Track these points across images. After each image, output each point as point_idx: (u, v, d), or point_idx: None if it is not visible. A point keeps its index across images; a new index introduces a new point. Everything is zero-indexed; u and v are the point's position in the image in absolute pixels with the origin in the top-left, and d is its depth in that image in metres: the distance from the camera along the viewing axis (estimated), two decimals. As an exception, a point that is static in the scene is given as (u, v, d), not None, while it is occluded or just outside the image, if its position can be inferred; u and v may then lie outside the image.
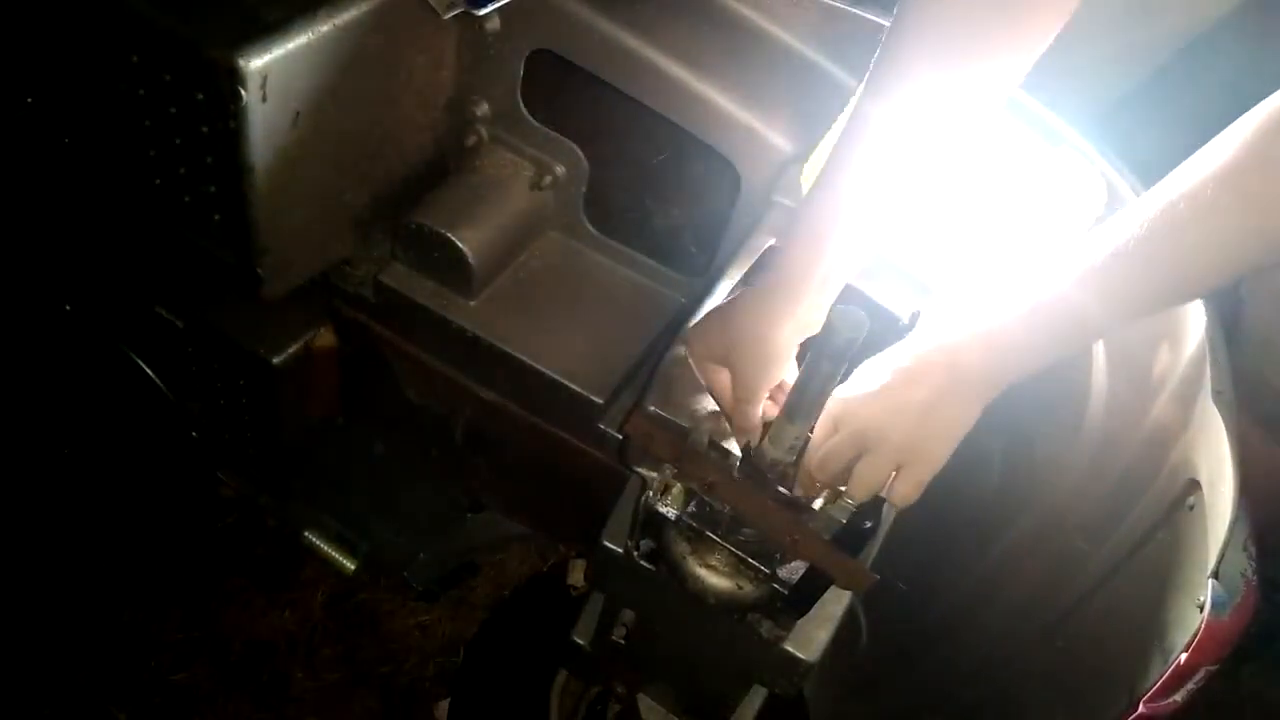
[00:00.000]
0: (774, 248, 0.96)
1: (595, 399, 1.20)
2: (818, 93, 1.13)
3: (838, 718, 1.39)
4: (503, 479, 1.45)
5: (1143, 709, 0.85)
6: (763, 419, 0.94)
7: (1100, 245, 0.77)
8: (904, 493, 0.85)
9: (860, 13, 1.10)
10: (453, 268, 1.23)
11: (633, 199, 1.31)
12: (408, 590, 1.77)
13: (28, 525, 1.71)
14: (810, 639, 0.92)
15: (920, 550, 1.08)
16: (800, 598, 0.88)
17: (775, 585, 0.89)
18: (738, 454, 0.94)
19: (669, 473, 0.92)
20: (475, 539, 1.77)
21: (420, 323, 1.27)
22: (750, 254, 1.10)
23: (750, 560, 0.89)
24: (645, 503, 0.92)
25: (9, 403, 1.65)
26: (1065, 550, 1.12)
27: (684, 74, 1.13)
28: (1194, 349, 1.01)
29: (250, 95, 0.95)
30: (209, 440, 1.53)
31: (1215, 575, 0.84)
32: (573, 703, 1.48)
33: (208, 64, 0.95)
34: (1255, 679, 1.72)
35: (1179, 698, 0.85)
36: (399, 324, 1.31)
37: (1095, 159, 1.08)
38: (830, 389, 0.86)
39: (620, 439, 1.16)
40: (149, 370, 1.44)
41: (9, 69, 1.12)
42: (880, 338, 0.88)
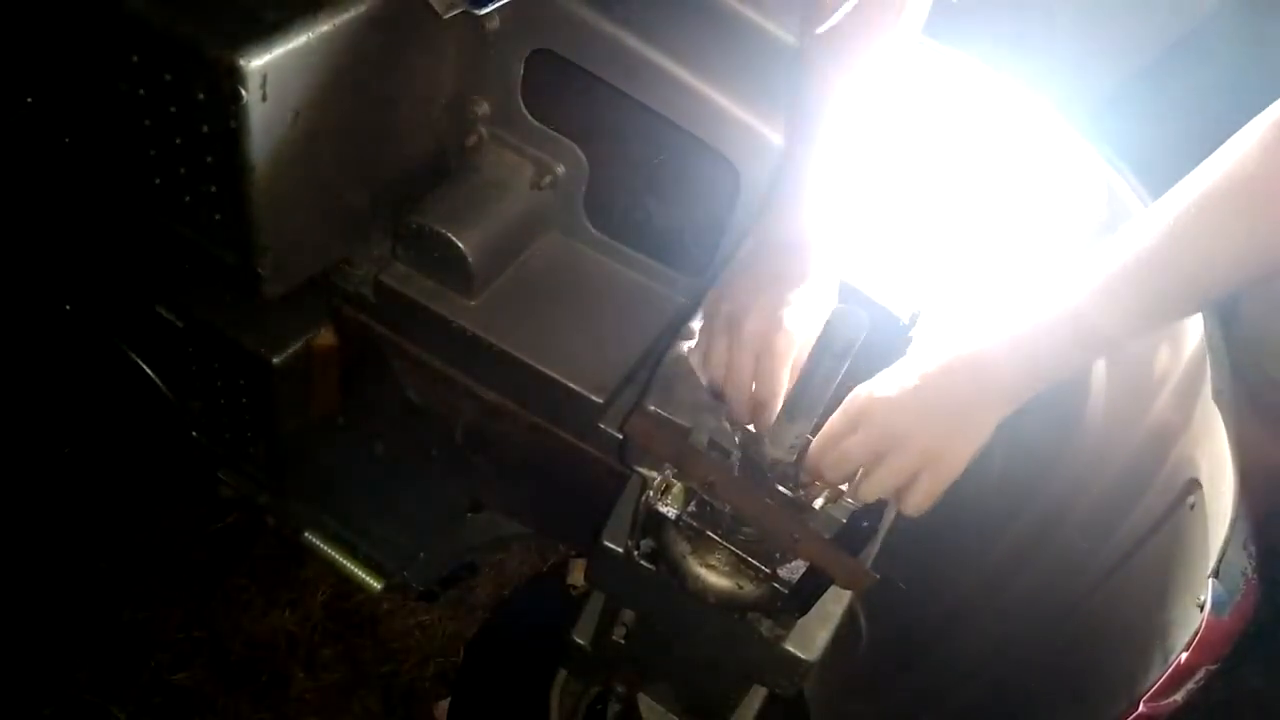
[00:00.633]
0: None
1: (595, 399, 1.20)
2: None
3: (838, 718, 1.39)
4: (503, 479, 1.45)
5: (1143, 708, 0.85)
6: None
7: (1113, 255, 0.77)
8: (917, 501, 0.85)
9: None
10: (453, 268, 1.23)
11: (633, 199, 1.31)
12: (408, 590, 1.77)
13: (28, 525, 1.71)
14: (810, 639, 0.92)
15: (920, 550, 1.08)
16: (800, 597, 0.88)
17: (775, 585, 0.89)
18: (738, 454, 0.94)
19: (669, 473, 0.92)
20: (475, 539, 1.77)
21: (420, 323, 1.27)
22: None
23: (750, 560, 0.89)
24: (645, 503, 0.92)
25: (9, 403, 1.65)
26: (1065, 549, 1.12)
27: (684, 73, 1.13)
28: (1194, 349, 1.01)
29: (250, 95, 0.95)
30: (209, 440, 1.53)
31: (1215, 574, 0.84)
32: (573, 703, 1.48)
33: (208, 64, 0.95)
34: (1255, 679, 1.73)
35: (1179, 697, 0.85)
36: (399, 324, 1.31)
37: (1095, 159, 1.09)
38: (830, 389, 0.86)
39: (620, 439, 1.16)
40: (149, 370, 1.44)
41: (9, 69, 1.12)
42: (880, 338, 0.88)
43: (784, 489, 0.92)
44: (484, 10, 1.08)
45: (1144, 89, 1.53)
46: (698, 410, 1.00)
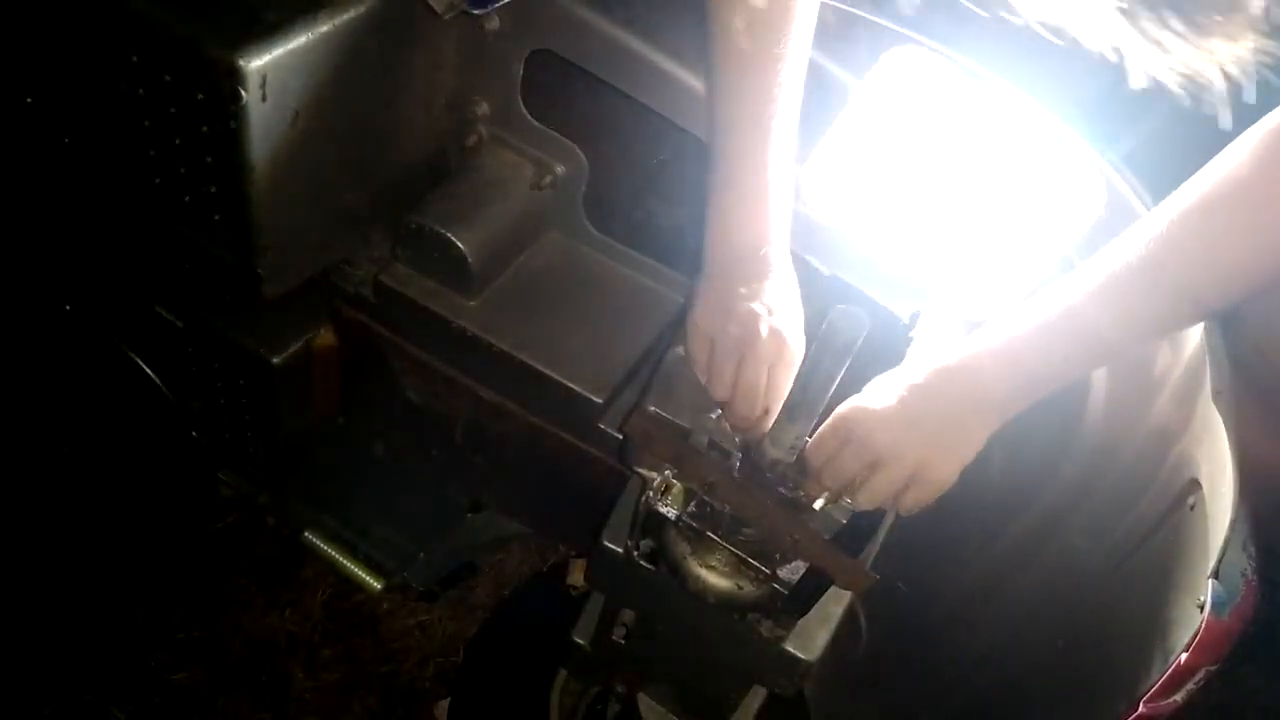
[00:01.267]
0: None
1: (595, 399, 1.20)
2: (817, 93, 1.12)
3: (838, 718, 1.39)
4: (503, 479, 1.45)
5: (1143, 709, 0.85)
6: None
7: (1105, 265, 0.77)
8: (908, 509, 0.86)
9: (860, 12, 1.10)
10: (453, 268, 1.23)
11: (633, 199, 1.31)
12: (408, 590, 1.77)
13: (28, 525, 1.71)
14: (810, 639, 0.92)
15: (920, 550, 1.08)
16: (800, 598, 0.88)
17: (775, 585, 0.89)
18: (738, 454, 0.94)
19: (669, 473, 0.92)
20: (475, 539, 1.77)
21: (420, 323, 1.26)
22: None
23: (750, 560, 0.89)
24: (645, 503, 0.92)
25: (9, 403, 1.65)
26: (1065, 550, 1.12)
27: (684, 73, 1.13)
28: (1193, 349, 1.01)
29: (250, 95, 0.95)
30: (209, 440, 1.53)
31: (1215, 575, 0.84)
32: (573, 703, 1.48)
33: (208, 64, 0.95)
34: (1255, 679, 1.73)
35: (1179, 697, 0.85)
36: (399, 324, 1.31)
37: (1094, 157, 1.08)
38: (831, 389, 0.86)
39: (620, 439, 1.16)
40: (149, 370, 1.44)
41: (9, 69, 1.12)
42: (880, 338, 0.89)
43: (784, 490, 0.92)
44: (483, 10, 1.08)
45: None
46: (698, 410, 1.00)
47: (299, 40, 0.98)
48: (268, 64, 0.95)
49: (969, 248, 1.09)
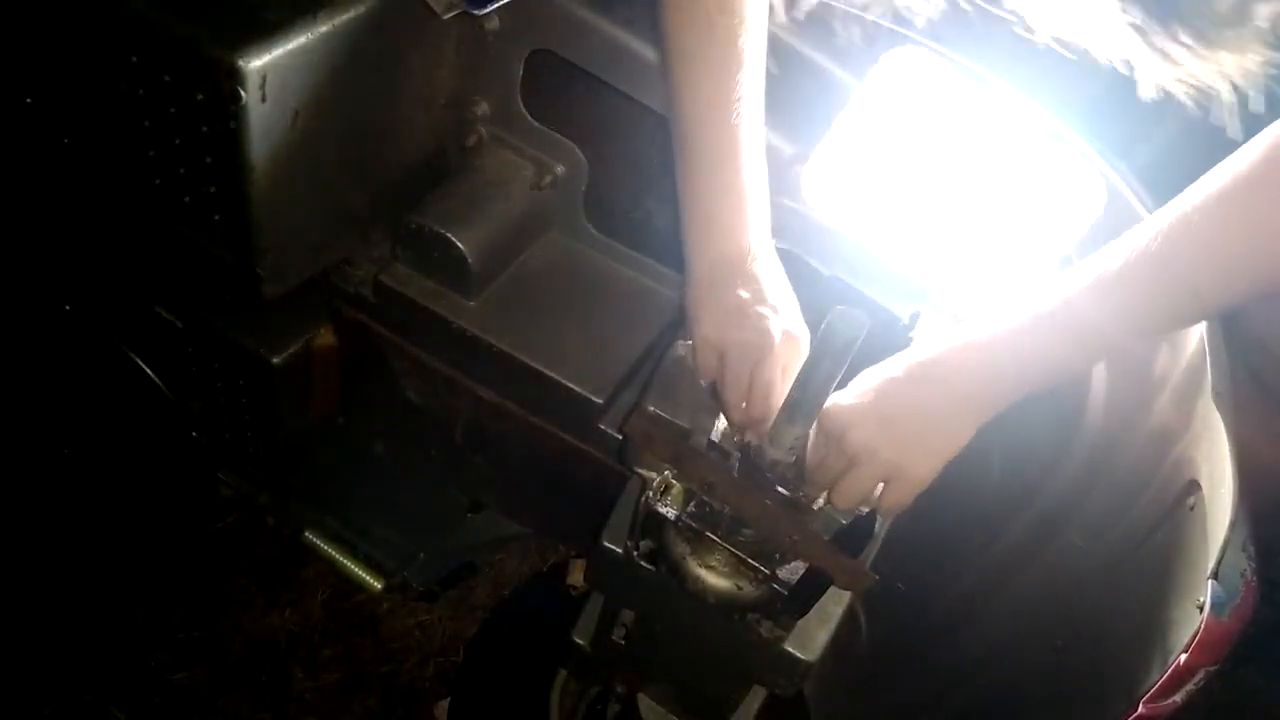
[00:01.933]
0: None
1: (595, 399, 1.20)
2: (818, 93, 1.13)
3: (838, 717, 1.39)
4: (503, 479, 1.45)
5: (1143, 709, 0.84)
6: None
7: (1111, 258, 0.76)
8: (886, 509, 0.85)
9: (860, 13, 1.10)
10: (453, 268, 1.23)
11: (633, 199, 1.31)
12: (408, 590, 1.77)
13: (28, 525, 1.71)
14: (810, 639, 0.92)
15: (920, 550, 1.08)
16: (800, 598, 0.88)
17: (775, 585, 0.89)
18: (738, 454, 0.94)
19: (669, 473, 0.92)
20: (475, 539, 1.77)
21: (420, 323, 1.26)
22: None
23: (750, 560, 0.89)
24: (645, 503, 0.92)
25: (9, 403, 1.65)
26: (1065, 550, 1.12)
27: (684, 74, 1.13)
28: (1194, 349, 1.01)
29: (250, 95, 0.95)
30: (209, 440, 1.53)
31: (1215, 575, 0.84)
32: (573, 703, 1.48)
33: (207, 64, 0.95)
34: (1255, 679, 1.72)
35: (1179, 698, 0.84)
36: (399, 324, 1.31)
37: (1094, 157, 1.08)
38: (830, 389, 0.86)
39: (620, 439, 1.16)
40: (149, 370, 1.44)
41: (9, 69, 1.12)
42: (880, 338, 0.88)
43: (783, 490, 0.92)
44: (483, 11, 1.08)
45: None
46: (698, 410, 1.00)
47: (299, 40, 0.98)
48: (267, 64, 0.95)
49: (969, 248, 1.09)
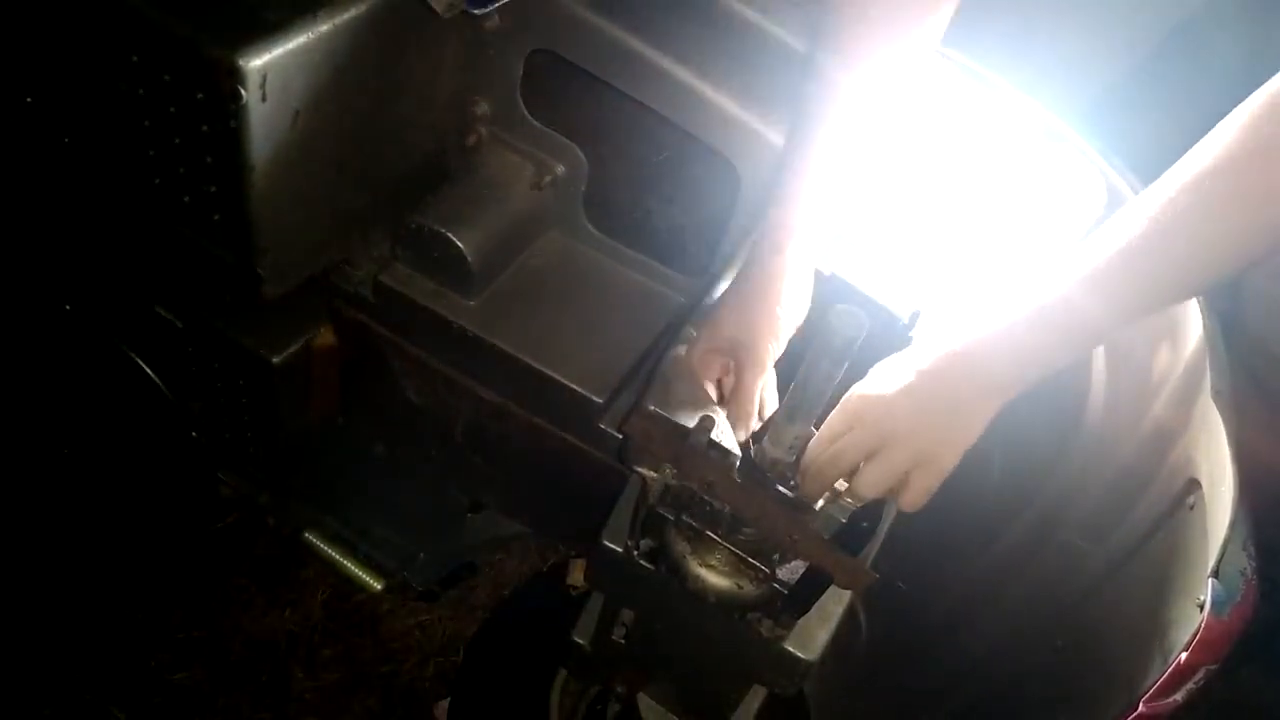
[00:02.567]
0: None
1: (595, 399, 1.20)
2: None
3: (838, 717, 1.39)
4: (503, 479, 1.45)
5: (1143, 709, 0.84)
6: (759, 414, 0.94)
7: (1102, 243, 0.77)
8: (912, 498, 0.85)
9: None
10: (453, 268, 1.23)
11: (633, 199, 1.31)
12: (408, 590, 1.77)
13: (28, 525, 1.71)
14: (810, 638, 0.92)
15: (920, 550, 1.08)
16: (800, 597, 0.88)
17: (775, 585, 0.89)
18: (738, 454, 0.94)
19: (669, 473, 0.92)
20: (475, 539, 1.77)
21: (420, 323, 1.27)
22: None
23: (750, 560, 0.89)
24: (645, 503, 0.92)
25: (9, 403, 1.65)
26: (1065, 550, 1.12)
27: (684, 74, 1.13)
28: (1193, 348, 1.01)
29: (250, 95, 0.95)
30: (209, 440, 1.53)
31: (1215, 574, 0.84)
32: (573, 703, 1.48)
33: (207, 63, 0.95)
34: (1255, 679, 1.72)
35: (1179, 697, 0.85)
36: (399, 324, 1.31)
37: (1094, 157, 1.09)
38: (829, 389, 0.86)
39: (620, 439, 1.16)
40: (149, 370, 1.44)
41: (9, 69, 1.12)
42: (880, 338, 0.88)
43: (784, 489, 0.92)
44: (483, 10, 1.08)
45: (1139, 84, 1.53)
46: (698, 410, 1.00)
47: (299, 40, 0.97)
48: (268, 64, 0.95)
49: (968, 247, 1.09)
